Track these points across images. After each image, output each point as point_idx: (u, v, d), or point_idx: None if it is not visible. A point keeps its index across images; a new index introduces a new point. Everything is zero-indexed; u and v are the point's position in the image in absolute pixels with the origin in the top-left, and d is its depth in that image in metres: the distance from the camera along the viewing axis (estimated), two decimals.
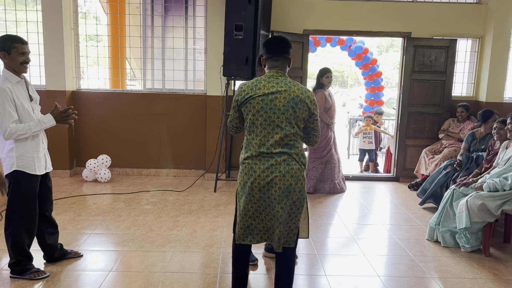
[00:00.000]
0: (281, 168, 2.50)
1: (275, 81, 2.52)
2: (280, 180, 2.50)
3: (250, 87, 2.53)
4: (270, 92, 2.48)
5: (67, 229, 4.13)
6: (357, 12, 6.09)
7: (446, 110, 6.25)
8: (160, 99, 6.23)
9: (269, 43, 2.63)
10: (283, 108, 2.47)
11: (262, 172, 2.51)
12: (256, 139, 2.52)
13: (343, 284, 3.24)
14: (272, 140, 2.49)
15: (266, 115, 2.49)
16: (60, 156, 5.98)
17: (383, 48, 25.11)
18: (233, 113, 2.67)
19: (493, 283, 3.29)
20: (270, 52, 2.60)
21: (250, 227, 2.63)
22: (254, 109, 2.50)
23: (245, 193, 2.58)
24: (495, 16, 6.01)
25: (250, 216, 2.61)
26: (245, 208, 2.59)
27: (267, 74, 2.58)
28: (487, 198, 3.74)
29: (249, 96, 2.51)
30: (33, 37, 6.03)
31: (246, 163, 2.56)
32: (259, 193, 2.54)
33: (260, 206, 2.58)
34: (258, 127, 2.51)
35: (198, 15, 6.21)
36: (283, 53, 2.59)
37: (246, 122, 2.57)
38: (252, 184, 2.53)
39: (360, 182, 6.43)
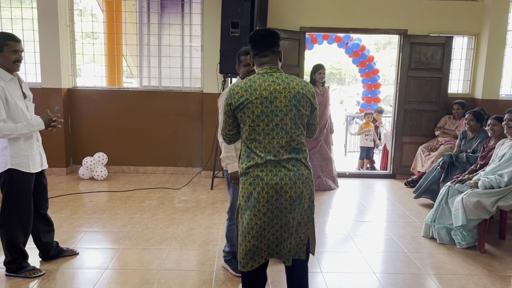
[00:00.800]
0: (291, 174, 2.23)
1: (270, 79, 2.23)
2: (291, 188, 2.23)
3: (244, 88, 2.22)
4: (268, 93, 2.20)
5: (63, 227, 4.12)
6: (353, 9, 6.09)
7: (442, 107, 6.26)
8: (156, 97, 6.22)
9: (253, 38, 2.33)
10: (286, 109, 2.21)
11: (270, 180, 2.21)
12: (260, 147, 2.23)
13: (339, 281, 3.25)
14: (278, 145, 2.21)
15: (268, 119, 2.20)
16: (56, 154, 5.97)
17: (380, 46, 25.11)
18: (226, 119, 2.34)
19: (488, 279, 3.31)
20: (255, 47, 2.32)
21: (252, 250, 2.29)
22: (253, 115, 2.20)
23: (249, 207, 2.26)
24: (491, 13, 6.02)
25: (253, 235, 2.27)
26: (249, 224, 2.27)
27: (260, 72, 2.29)
28: (482, 195, 3.75)
29: (245, 99, 2.20)
30: (29, 34, 6.00)
31: (250, 172, 2.24)
32: (267, 204, 2.23)
33: (265, 221, 2.26)
34: (260, 134, 2.21)
35: (195, 12, 6.19)
36: (270, 47, 2.30)
37: (245, 129, 2.25)
38: (259, 195, 2.22)
39: (357, 179, 6.45)
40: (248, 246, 2.30)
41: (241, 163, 2.32)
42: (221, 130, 2.45)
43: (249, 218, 2.27)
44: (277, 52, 2.34)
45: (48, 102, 5.93)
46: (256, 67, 2.37)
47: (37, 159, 3.15)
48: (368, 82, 9.71)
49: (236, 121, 2.32)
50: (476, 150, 4.79)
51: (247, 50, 3.13)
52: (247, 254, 2.31)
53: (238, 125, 2.34)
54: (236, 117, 2.29)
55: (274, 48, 2.32)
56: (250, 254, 2.31)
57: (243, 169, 2.29)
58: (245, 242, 2.30)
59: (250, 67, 3.12)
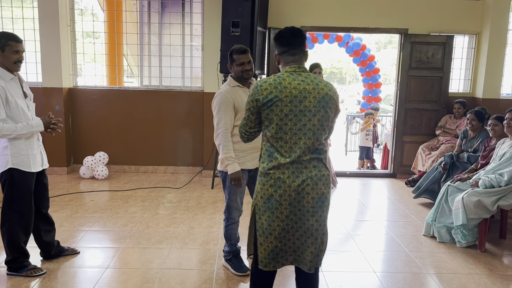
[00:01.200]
0: (312, 175, 2.19)
1: (300, 78, 2.19)
2: (313, 189, 2.19)
3: (274, 85, 2.16)
4: (298, 92, 2.15)
5: (64, 226, 4.13)
6: (354, 8, 6.08)
7: (443, 106, 6.26)
8: (157, 96, 6.22)
9: (285, 35, 2.26)
10: (314, 110, 2.16)
11: (292, 182, 2.17)
12: (286, 146, 2.18)
13: (339, 280, 3.26)
14: (304, 146, 2.17)
15: (296, 118, 2.15)
16: (57, 153, 5.97)
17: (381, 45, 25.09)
18: (249, 116, 2.28)
19: (489, 278, 3.31)
20: (286, 45, 2.25)
21: (274, 250, 2.27)
22: (281, 113, 2.15)
23: (270, 209, 2.23)
24: (492, 13, 6.01)
25: (275, 237, 2.24)
26: (270, 226, 2.23)
27: (288, 70, 2.23)
28: (482, 194, 3.75)
29: (274, 96, 2.14)
30: (30, 34, 6.00)
31: (272, 173, 2.20)
32: (289, 207, 2.20)
33: (288, 224, 2.23)
34: (287, 133, 2.16)
35: (195, 11, 6.20)
36: (300, 45, 2.25)
37: (271, 127, 2.19)
38: (281, 198, 2.19)
39: (357, 178, 6.45)
40: (270, 247, 2.27)
41: (262, 162, 2.28)
42: (240, 127, 2.39)
43: (270, 220, 2.24)
44: (305, 51, 2.30)
45: (49, 102, 5.93)
46: (281, 65, 2.31)
47: (38, 158, 3.16)
48: (369, 81, 9.71)
49: (259, 119, 2.27)
50: (477, 149, 4.79)
51: (240, 48, 3.09)
52: (270, 254, 2.28)
53: (260, 123, 2.29)
54: (260, 114, 2.24)
55: (303, 47, 2.28)
56: (272, 254, 2.28)
57: (264, 169, 2.24)
58: (267, 243, 2.26)
59: (244, 66, 3.07)
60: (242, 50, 3.08)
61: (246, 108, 2.30)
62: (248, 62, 3.09)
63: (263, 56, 5.71)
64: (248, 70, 3.09)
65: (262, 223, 2.27)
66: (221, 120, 3.03)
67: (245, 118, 2.32)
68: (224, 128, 3.02)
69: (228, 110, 3.04)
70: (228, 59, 3.14)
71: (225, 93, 3.06)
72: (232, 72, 3.15)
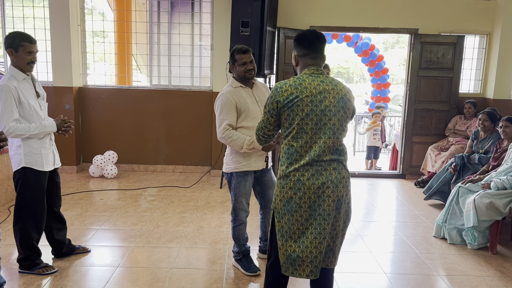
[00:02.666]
0: (332, 177, 2.18)
1: (319, 79, 2.20)
2: (333, 191, 2.18)
3: (294, 86, 2.17)
4: (318, 92, 2.16)
5: (75, 225, 4.16)
6: (363, 8, 6.06)
7: (453, 107, 6.21)
8: (166, 96, 6.24)
9: (310, 38, 2.25)
10: (334, 109, 2.17)
11: (312, 185, 2.15)
12: (306, 146, 2.17)
13: (349, 281, 3.25)
14: (325, 145, 2.16)
15: (317, 118, 2.15)
16: (67, 152, 6.01)
17: (389, 44, 24.96)
18: (268, 118, 2.27)
19: (500, 280, 3.28)
20: (309, 47, 2.25)
21: (292, 255, 2.23)
22: (302, 112, 2.14)
23: (290, 211, 2.20)
24: (504, 12, 5.96)
25: (295, 240, 2.22)
26: (290, 229, 2.21)
27: (307, 72, 2.24)
28: (495, 196, 3.72)
29: (295, 97, 2.15)
30: (40, 33, 6.05)
31: (291, 175, 2.18)
32: (309, 210, 2.18)
33: (308, 227, 2.20)
34: (308, 133, 2.16)
35: (205, 11, 6.20)
36: (321, 50, 2.27)
37: (291, 128, 2.18)
38: (301, 200, 2.17)
39: (366, 179, 6.42)
40: (289, 251, 2.23)
41: (281, 165, 2.25)
42: (257, 130, 2.38)
43: (290, 223, 2.21)
44: (324, 56, 2.31)
45: (59, 101, 5.97)
46: (300, 67, 2.31)
47: (50, 157, 3.18)
48: (377, 82, 9.67)
49: (278, 121, 2.27)
50: (489, 150, 4.75)
51: (242, 48, 3.07)
52: (288, 259, 2.24)
53: (279, 125, 2.29)
54: (279, 116, 2.24)
55: (323, 52, 2.29)
56: (290, 260, 2.24)
57: (283, 171, 2.22)
58: (286, 247, 2.24)
59: (246, 66, 3.06)
60: (244, 49, 3.07)
61: (265, 110, 2.28)
62: (250, 61, 3.08)
63: (272, 56, 5.70)
64: (250, 70, 3.08)
65: (282, 226, 2.24)
66: (223, 122, 3.03)
67: (264, 121, 2.31)
68: (228, 129, 3.02)
69: (231, 111, 3.03)
70: (230, 59, 3.12)
71: (227, 94, 3.06)
72: (234, 73, 3.14)
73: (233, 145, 3.05)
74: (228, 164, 3.19)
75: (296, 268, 2.24)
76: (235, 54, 3.07)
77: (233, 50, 3.09)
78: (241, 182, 3.16)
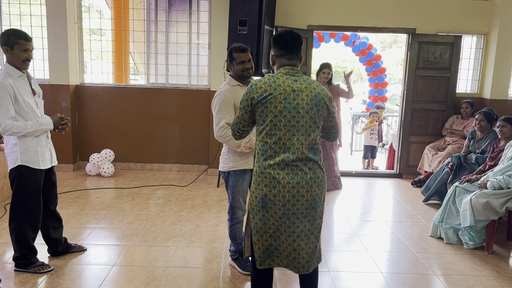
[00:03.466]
0: (307, 177, 2.24)
1: (293, 78, 2.27)
2: (307, 191, 2.24)
3: (268, 83, 2.24)
4: (291, 90, 2.22)
5: (71, 223, 4.14)
6: (361, 7, 6.06)
7: (450, 107, 6.23)
8: (163, 94, 6.23)
9: (285, 38, 2.32)
10: (307, 107, 2.23)
11: (287, 183, 2.21)
12: (279, 143, 2.22)
13: (346, 280, 3.25)
14: (298, 143, 2.22)
15: (290, 115, 2.21)
16: (64, 150, 5.99)
17: (386, 44, 24.98)
18: (242, 114, 2.34)
19: (496, 280, 3.29)
20: (285, 48, 2.31)
21: (269, 248, 2.31)
22: (276, 109, 2.21)
23: (265, 208, 2.26)
24: (501, 13, 5.97)
25: (270, 235, 2.29)
26: (265, 225, 2.28)
27: (282, 71, 2.31)
28: (491, 196, 3.73)
29: (269, 94, 2.21)
30: (37, 31, 6.02)
31: (267, 173, 2.24)
32: (283, 208, 2.24)
33: (282, 225, 2.27)
34: (281, 130, 2.21)
35: (202, 9, 6.19)
36: (298, 51, 2.34)
37: (265, 124, 2.24)
38: (275, 198, 2.23)
39: (363, 178, 6.43)
40: (265, 245, 2.32)
41: (257, 161, 2.30)
42: (233, 125, 2.44)
43: (265, 219, 2.28)
44: (300, 56, 2.38)
45: (56, 99, 5.95)
46: (276, 66, 2.38)
47: (46, 155, 3.16)
48: (375, 81, 9.67)
49: (252, 118, 2.34)
50: (485, 150, 4.76)
51: (240, 46, 3.07)
52: (265, 253, 2.33)
53: (253, 122, 2.36)
54: (254, 113, 2.31)
55: (300, 53, 2.37)
56: (267, 252, 2.33)
57: (259, 168, 2.27)
58: (262, 241, 2.31)
59: (244, 64, 3.06)
60: (242, 48, 3.07)
61: (241, 106, 2.35)
62: (248, 60, 3.08)
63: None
64: (248, 69, 3.09)
65: (256, 222, 2.31)
66: (221, 120, 3.02)
67: (239, 117, 2.38)
68: (226, 128, 3.01)
69: (229, 110, 3.02)
70: (228, 57, 3.12)
71: (225, 93, 3.05)
72: (232, 71, 3.14)
73: (230, 144, 3.04)
74: (225, 163, 3.18)
75: (273, 259, 2.34)
76: (233, 52, 3.06)
77: (231, 49, 3.09)
78: (238, 180, 3.16)
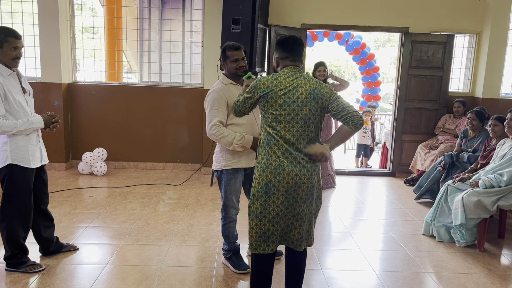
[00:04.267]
0: (308, 166, 2.43)
1: (294, 76, 2.46)
2: (308, 179, 2.44)
3: (270, 80, 2.45)
4: (291, 86, 2.42)
5: (63, 222, 4.12)
6: (355, 6, 6.07)
7: (442, 106, 6.26)
8: (156, 93, 6.20)
9: (290, 42, 2.52)
10: (306, 100, 2.41)
11: (291, 171, 2.41)
12: (281, 133, 2.42)
13: (339, 278, 3.26)
14: (297, 134, 2.42)
15: (290, 108, 2.40)
16: (56, 149, 5.95)
17: (380, 43, 25.04)
18: (244, 100, 2.56)
19: (488, 278, 3.32)
20: (289, 51, 2.51)
21: (266, 233, 2.49)
22: (276, 104, 2.41)
23: (267, 193, 2.45)
24: (493, 12, 6.01)
25: (269, 220, 2.47)
26: (266, 209, 2.46)
27: (284, 70, 2.51)
28: (482, 194, 3.76)
29: (270, 90, 2.42)
30: (29, 28, 5.97)
31: (272, 160, 2.43)
32: (285, 194, 2.44)
33: (282, 210, 2.46)
34: (281, 122, 2.42)
35: (196, 8, 6.17)
36: (300, 54, 2.54)
37: (267, 116, 2.46)
38: (280, 184, 2.42)
39: (356, 177, 6.45)
40: (262, 229, 2.49)
41: (261, 150, 2.50)
42: (234, 104, 2.63)
43: (266, 204, 2.46)
44: (302, 59, 2.58)
45: (48, 97, 5.91)
46: (280, 68, 2.57)
47: (37, 154, 3.14)
48: (368, 80, 9.70)
49: (253, 106, 2.58)
50: (477, 149, 4.79)
51: (234, 45, 3.10)
52: (261, 237, 2.50)
53: (251, 108, 2.60)
54: (255, 104, 2.55)
55: (301, 56, 2.57)
56: (264, 237, 2.50)
57: (265, 156, 2.46)
58: (260, 226, 2.49)
59: (238, 62, 3.09)
60: (236, 46, 3.09)
61: (246, 94, 2.54)
62: (242, 58, 3.10)
63: (264, 53, 5.69)
64: (242, 67, 3.10)
65: (257, 207, 2.49)
66: (214, 119, 3.01)
67: (241, 101, 2.59)
68: (219, 126, 3.00)
69: (221, 108, 3.02)
70: (221, 56, 3.12)
71: (218, 91, 3.04)
72: (225, 69, 3.14)
73: (223, 142, 3.02)
74: (218, 161, 3.18)
75: (268, 244, 2.51)
76: (227, 50, 3.07)
77: (225, 47, 3.09)
78: (231, 179, 3.15)
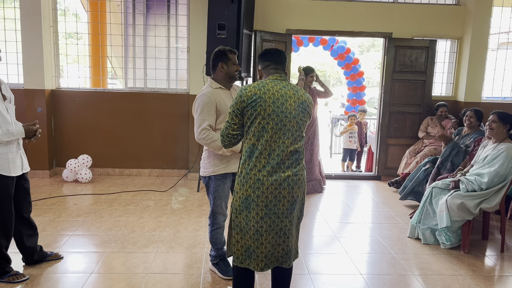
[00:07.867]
0: (289, 180, 2.35)
1: (281, 84, 2.39)
2: (289, 193, 2.36)
3: (258, 88, 2.35)
4: (280, 95, 2.34)
5: (47, 231, 4.05)
6: (339, 12, 6.14)
7: (426, 109, 6.35)
8: (142, 98, 6.16)
9: (271, 52, 2.50)
10: (294, 112, 2.35)
11: (270, 185, 2.32)
12: (266, 145, 2.32)
13: (326, 282, 3.27)
14: (284, 145, 2.33)
15: (278, 118, 2.31)
16: (39, 156, 5.86)
17: (364, 48, 25.35)
18: (232, 118, 2.40)
19: (472, 279, 3.36)
20: (271, 60, 2.48)
21: (249, 250, 2.41)
22: (264, 112, 2.30)
23: (247, 208, 2.37)
24: (474, 18, 6.13)
25: (250, 236, 2.39)
26: (247, 225, 2.38)
27: (270, 78, 2.44)
28: (466, 197, 3.82)
29: (258, 97, 2.31)
30: (11, 34, 5.88)
31: (252, 174, 2.34)
32: (265, 209, 2.35)
33: (263, 225, 2.37)
34: (268, 132, 2.31)
35: (181, 13, 6.16)
36: (283, 63, 2.51)
37: (253, 126, 2.33)
38: (259, 199, 2.33)
39: (342, 181, 6.49)
40: (246, 245, 2.41)
41: (243, 163, 2.40)
42: (222, 131, 2.48)
43: (247, 219, 2.39)
44: (285, 68, 2.55)
45: (30, 104, 5.82)
46: (264, 78, 2.52)
47: (17, 162, 3.07)
48: (353, 85, 9.79)
49: (242, 122, 2.41)
50: (469, 146, 4.88)
51: (233, 48, 3.14)
52: (246, 252, 2.42)
53: (242, 126, 2.43)
54: (243, 116, 2.38)
55: (284, 66, 2.54)
56: (247, 253, 2.42)
57: (245, 169, 2.37)
58: (244, 240, 2.42)
59: (237, 66, 3.11)
60: (234, 50, 3.15)
61: (230, 110, 2.41)
62: (237, 63, 3.15)
63: (249, 59, 5.70)
64: (239, 71, 3.17)
65: (240, 221, 2.42)
66: (203, 122, 2.99)
67: (229, 121, 2.44)
68: (208, 130, 2.99)
69: (211, 111, 3.01)
70: (219, 58, 3.08)
71: (208, 94, 3.04)
72: (223, 72, 3.10)
73: (212, 146, 3.01)
74: (206, 167, 3.16)
75: (251, 260, 2.42)
76: (228, 53, 3.07)
77: (224, 50, 3.07)
78: (219, 185, 3.14)
